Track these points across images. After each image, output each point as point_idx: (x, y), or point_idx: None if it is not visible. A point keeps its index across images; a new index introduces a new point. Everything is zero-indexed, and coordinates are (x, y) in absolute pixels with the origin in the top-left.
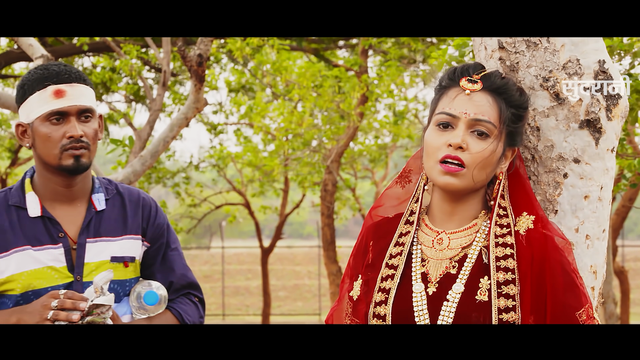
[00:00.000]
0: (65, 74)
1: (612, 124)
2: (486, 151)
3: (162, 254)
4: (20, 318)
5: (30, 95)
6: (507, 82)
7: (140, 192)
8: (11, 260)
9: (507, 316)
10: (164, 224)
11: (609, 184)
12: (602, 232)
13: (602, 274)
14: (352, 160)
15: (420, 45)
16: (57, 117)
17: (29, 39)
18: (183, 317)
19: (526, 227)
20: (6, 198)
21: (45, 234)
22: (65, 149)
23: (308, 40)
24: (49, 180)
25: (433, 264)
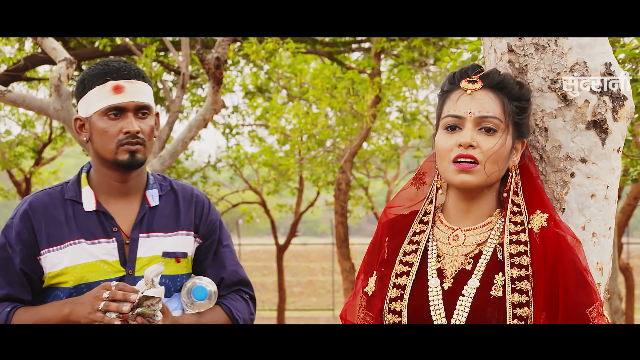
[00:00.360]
0: (125, 70)
1: (618, 124)
2: (496, 146)
3: (213, 251)
4: (73, 309)
5: (90, 90)
6: (505, 78)
7: (194, 189)
8: (65, 253)
9: (520, 311)
10: (216, 220)
11: (615, 183)
12: (608, 230)
13: (608, 271)
14: (365, 160)
15: (431, 48)
16: (115, 112)
17: (53, 43)
18: (233, 313)
19: (540, 225)
20: (62, 192)
21: (99, 228)
22: (121, 144)
23: (322, 44)
24: (105, 175)
25: (449, 259)
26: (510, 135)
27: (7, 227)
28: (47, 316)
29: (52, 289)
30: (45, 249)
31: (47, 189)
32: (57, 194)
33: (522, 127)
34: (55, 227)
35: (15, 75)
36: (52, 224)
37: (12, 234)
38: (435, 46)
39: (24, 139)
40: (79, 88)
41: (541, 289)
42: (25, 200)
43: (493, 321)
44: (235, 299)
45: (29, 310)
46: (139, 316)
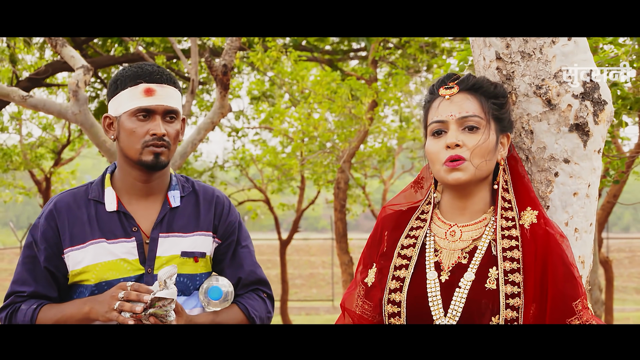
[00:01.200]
0: (157, 74)
1: (598, 127)
2: (481, 141)
3: (232, 251)
4: (92, 307)
5: (122, 91)
6: (479, 79)
7: (215, 190)
8: (87, 252)
9: (513, 301)
10: (235, 221)
11: (596, 182)
12: (589, 226)
13: (589, 264)
14: (363, 161)
15: (425, 56)
16: (144, 114)
17: (71, 51)
18: (249, 311)
19: (530, 222)
20: (87, 192)
21: (119, 227)
22: (147, 145)
23: (322, 52)
24: (128, 174)
25: (446, 254)
26: (493, 130)
27: (34, 226)
28: (69, 314)
29: (76, 286)
30: (69, 248)
31: (73, 189)
32: (81, 194)
33: (504, 121)
34: (78, 227)
35: (36, 81)
36: (76, 224)
37: (38, 233)
38: (429, 54)
39: (44, 141)
40: (112, 88)
41: (531, 281)
42: (51, 200)
43: (487, 312)
44: (252, 298)
45: (53, 308)
46: (152, 316)
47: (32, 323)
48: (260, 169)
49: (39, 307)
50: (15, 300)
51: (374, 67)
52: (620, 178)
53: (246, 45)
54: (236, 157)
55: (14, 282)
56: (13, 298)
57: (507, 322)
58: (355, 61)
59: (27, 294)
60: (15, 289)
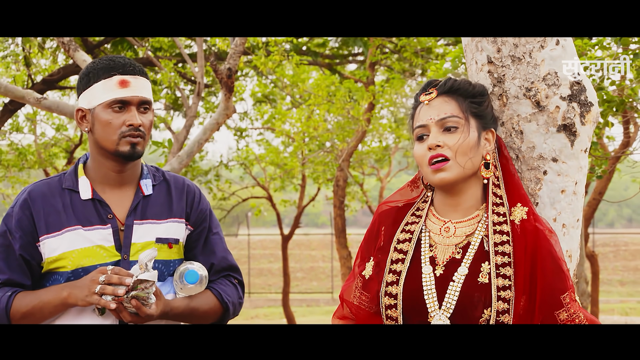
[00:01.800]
0: (130, 66)
1: (585, 128)
2: (460, 139)
3: (204, 238)
4: (71, 292)
5: (95, 83)
6: (456, 81)
7: (185, 179)
8: (63, 239)
9: (504, 294)
10: (206, 209)
11: (583, 180)
12: (576, 222)
13: (576, 258)
14: (360, 160)
15: (420, 60)
16: (120, 105)
17: (83, 56)
18: (223, 296)
19: (520, 218)
20: (60, 182)
21: (95, 215)
22: (123, 136)
23: (322, 56)
24: (102, 164)
25: (440, 249)
26: (473, 128)
27: (8, 215)
28: (46, 299)
29: (51, 274)
30: (44, 235)
31: (45, 179)
32: (55, 184)
33: (485, 118)
34: (53, 215)
35: (50, 84)
36: (51, 212)
37: (12, 221)
38: (423, 58)
39: (58, 140)
40: (83, 81)
41: (521, 274)
42: (24, 190)
43: (480, 305)
44: (224, 284)
45: (28, 295)
46: (134, 299)
47: (7, 310)
48: (263, 167)
49: (13, 294)
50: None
51: (371, 70)
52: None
53: (250, 50)
54: (240, 156)
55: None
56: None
57: (498, 313)
58: (353, 65)
59: (2, 282)
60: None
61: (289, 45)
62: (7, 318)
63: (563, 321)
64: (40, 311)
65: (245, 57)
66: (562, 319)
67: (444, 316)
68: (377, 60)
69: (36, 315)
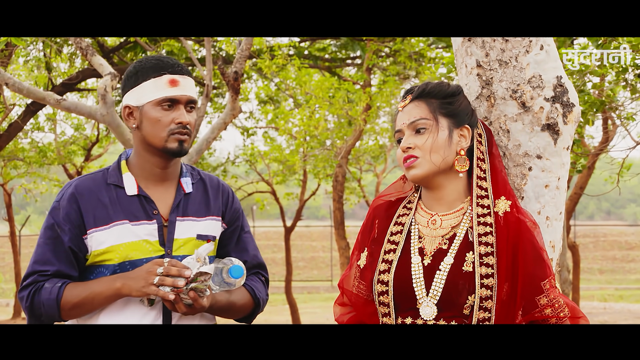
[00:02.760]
0: (178, 66)
1: (567, 127)
2: (428, 140)
3: (237, 236)
4: (125, 283)
5: (145, 81)
6: (428, 85)
7: (218, 179)
8: (111, 233)
9: (487, 281)
10: (239, 208)
11: (565, 176)
12: (559, 214)
13: (559, 248)
14: (358, 157)
15: (414, 64)
16: (169, 103)
17: (100, 60)
18: (255, 293)
19: (504, 210)
20: (104, 177)
21: (141, 210)
22: (172, 133)
23: (322, 60)
24: (147, 161)
25: (428, 240)
26: (444, 127)
27: (54, 208)
28: (97, 290)
29: (96, 266)
30: (92, 229)
31: (89, 175)
32: (99, 179)
33: (459, 116)
34: (100, 209)
35: (69, 86)
36: (98, 206)
37: (59, 214)
38: (417, 62)
39: (76, 139)
40: (131, 79)
41: (504, 263)
42: (70, 184)
43: (464, 291)
44: (255, 280)
45: (78, 286)
46: (192, 291)
47: (57, 300)
48: (267, 164)
49: (63, 285)
50: (37, 279)
51: (368, 73)
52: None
53: (255, 54)
54: (245, 153)
55: (35, 262)
56: (35, 277)
57: (481, 299)
58: (351, 68)
59: (51, 274)
60: (37, 269)
61: (292, 50)
62: (58, 308)
63: (543, 306)
64: (91, 302)
65: (250, 60)
66: (543, 303)
67: (431, 302)
68: (374, 64)
69: (87, 306)
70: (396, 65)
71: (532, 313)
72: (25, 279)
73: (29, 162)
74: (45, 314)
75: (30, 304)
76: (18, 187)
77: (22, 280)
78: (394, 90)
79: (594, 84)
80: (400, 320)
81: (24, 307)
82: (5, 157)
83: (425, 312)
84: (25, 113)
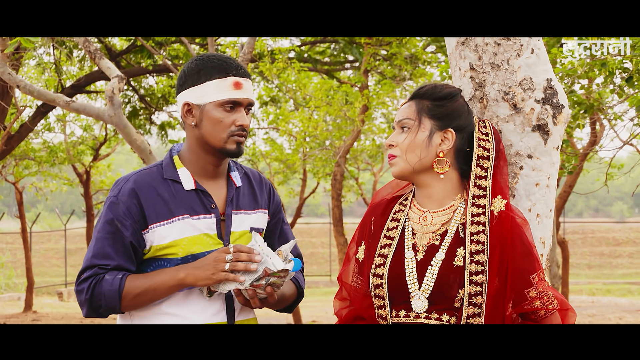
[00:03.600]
0: (241, 68)
1: (557, 128)
2: (407, 139)
3: (279, 228)
4: (190, 273)
5: (208, 81)
6: (424, 87)
7: (259, 173)
8: (173, 227)
9: (476, 278)
10: (279, 201)
11: (555, 174)
12: (549, 212)
13: (549, 244)
14: (356, 156)
15: (409, 67)
16: (231, 105)
17: (107, 63)
18: (300, 283)
19: (499, 209)
20: (160, 172)
21: (199, 204)
22: (232, 135)
23: (322, 63)
24: (201, 158)
25: (420, 236)
26: (425, 128)
27: (113, 203)
28: (160, 281)
29: (156, 260)
30: (154, 224)
31: (144, 170)
32: (155, 174)
33: (444, 119)
34: (161, 204)
35: (78, 88)
36: (158, 201)
37: (119, 209)
38: (413, 65)
39: (85, 139)
40: (193, 77)
41: (496, 260)
42: (126, 179)
43: (455, 285)
44: (297, 272)
45: (140, 277)
46: (269, 285)
47: (119, 291)
48: (269, 163)
49: (124, 276)
50: (98, 272)
51: (365, 76)
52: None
53: (257, 57)
54: (248, 153)
55: (94, 256)
56: (95, 270)
57: (471, 295)
58: (349, 71)
59: (111, 267)
60: (96, 262)
61: (292, 54)
62: (119, 299)
63: (532, 298)
64: (154, 292)
65: (252, 63)
66: (532, 296)
67: (423, 296)
68: (371, 67)
69: (148, 296)
70: (392, 68)
71: (521, 305)
72: (83, 272)
73: (39, 161)
74: (105, 305)
75: (90, 295)
76: (29, 185)
77: (80, 274)
78: (390, 92)
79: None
80: (395, 313)
81: (83, 299)
82: (17, 157)
83: (417, 305)
84: (36, 114)
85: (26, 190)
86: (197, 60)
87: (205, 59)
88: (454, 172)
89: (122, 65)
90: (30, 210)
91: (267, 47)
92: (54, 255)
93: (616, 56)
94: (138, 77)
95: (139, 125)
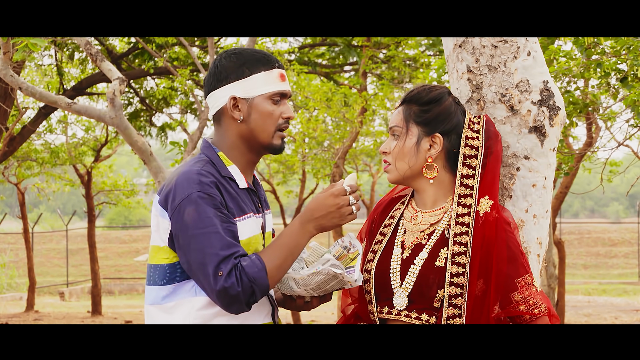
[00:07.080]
0: (279, 61)
1: (553, 129)
2: (396, 147)
3: None
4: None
5: (255, 74)
6: (413, 92)
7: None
8: (245, 224)
9: (457, 279)
10: None
11: (551, 176)
12: (545, 212)
13: (545, 244)
14: (355, 158)
15: (407, 69)
16: (278, 98)
17: (109, 65)
18: None
19: (484, 210)
20: (216, 169)
21: (252, 203)
22: (280, 129)
23: (321, 66)
24: (244, 155)
25: (409, 235)
26: (413, 135)
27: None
28: (293, 244)
29: None
30: (235, 218)
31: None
32: (214, 171)
33: (430, 125)
34: (232, 200)
35: (79, 90)
36: (230, 197)
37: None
38: (411, 67)
39: (86, 140)
40: (237, 71)
41: (477, 262)
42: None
43: (434, 286)
44: None
45: (267, 251)
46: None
47: (265, 269)
48: (268, 163)
49: (256, 256)
50: (234, 263)
51: (364, 78)
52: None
53: None
54: None
55: (221, 249)
56: (232, 260)
57: (450, 297)
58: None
59: (239, 254)
60: (227, 253)
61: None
62: (267, 277)
63: (518, 302)
64: (292, 256)
65: None
66: (517, 300)
67: (403, 294)
68: (369, 69)
69: (288, 262)
70: (391, 70)
71: (507, 308)
72: (218, 269)
73: (41, 162)
74: (259, 289)
75: (241, 286)
76: (31, 186)
77: (215, 272)
78: (388, 94)
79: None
80: (379, 309)
81: (234, 292)
82: (19, 158)
83: (398, 302)
84: (38, 116)
85: (28, 191)
86: (234, 54)
87: (243, 52)
88: (446, 175)
89: (123, 67)
90: (32, 211)
91: (267, 49)
92: (55, 256)
93: (611, 57)
94: (139, 80)
95: (139, 126)
